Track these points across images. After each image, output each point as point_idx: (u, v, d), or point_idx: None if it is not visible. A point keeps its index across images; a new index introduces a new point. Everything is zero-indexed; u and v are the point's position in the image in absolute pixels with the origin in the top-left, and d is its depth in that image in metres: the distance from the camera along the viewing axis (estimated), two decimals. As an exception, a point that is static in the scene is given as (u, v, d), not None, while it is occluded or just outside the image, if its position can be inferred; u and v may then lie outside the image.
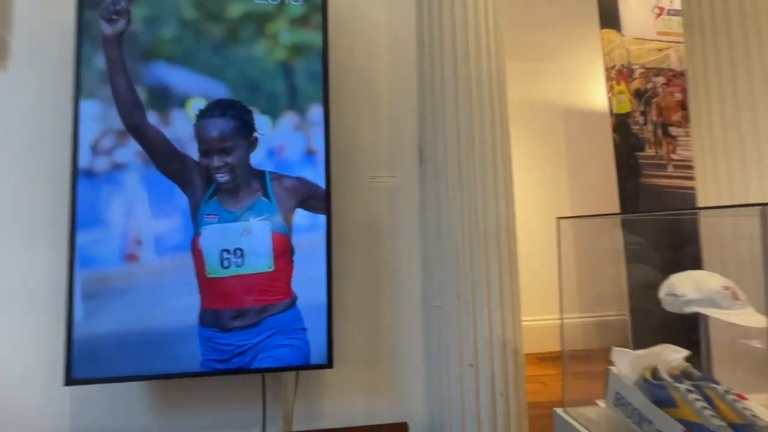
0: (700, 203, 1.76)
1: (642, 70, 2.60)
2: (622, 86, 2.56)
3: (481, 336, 1.26)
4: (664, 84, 2.58)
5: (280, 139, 1.31)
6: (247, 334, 1.24)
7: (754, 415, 0.73)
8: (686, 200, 2.43)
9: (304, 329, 1.26)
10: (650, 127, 2.54)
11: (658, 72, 2.59)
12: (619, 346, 0.95)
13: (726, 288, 0.93)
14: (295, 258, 1.27)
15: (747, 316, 0.90)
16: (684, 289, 0.97)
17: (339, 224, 1.44)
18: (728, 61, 1.61)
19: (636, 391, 0.85)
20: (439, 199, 1.38)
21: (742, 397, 0.79)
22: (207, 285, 1.24)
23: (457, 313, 1.29)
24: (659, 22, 2.68)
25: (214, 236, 1.25)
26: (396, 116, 1.54)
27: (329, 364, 1.25)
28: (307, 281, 1.27)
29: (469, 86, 1.35)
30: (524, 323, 2.04)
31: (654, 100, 2.57)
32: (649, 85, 2.58)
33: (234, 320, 1.24)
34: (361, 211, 1.49)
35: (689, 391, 0.78)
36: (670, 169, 2.50)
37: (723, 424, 0.71)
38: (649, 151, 2.53)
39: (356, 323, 1.44)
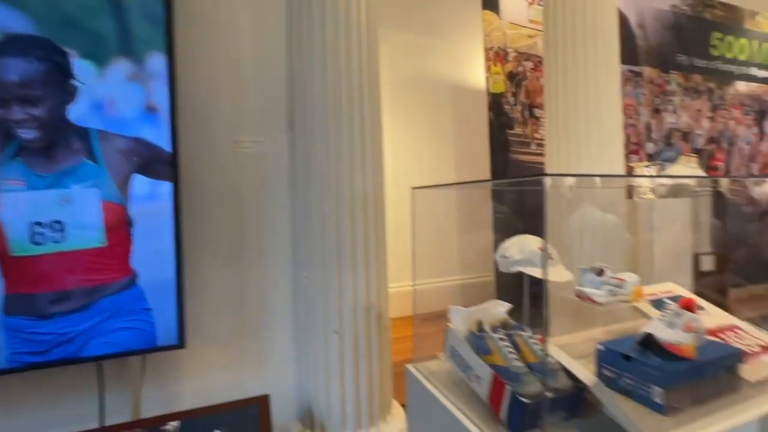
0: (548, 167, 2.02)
1: (515, 53, 2.84)
2: (498, 67, 2.77)
3: (346, 302, 1.29)
4: (532, 69, 2.87)
5: (110, 91, 1.10)
6: (73, 320, 1.06)
7: (546, 354, 0.87)
8: (544, 175, 2.79)
9: (148, 309, 1.13)
10: (519, 107, 2.82)
11: (528, 57, 2.86)
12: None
13: (541, 249, 1.07)
14: (135, 231, 1.11)
15: (555, 273, 1.05)
16: (511, 251, 1.10)
17: (196, 193, 1.29)
18: (577, 54, 1.83)
19: (464, 344, 0.95)
20: (308, 167, 1.33)
21: (542, 341, 0.94)
22: (12, 265, 1.01)
23: (324, 280, 1.29)
24: (531, 10, 2.93)
25: (20, 206, 1.02)
26: (263, 76, 1.42)
27: (180, 344, 1.15)
28: (151, 257, 1.13)
29: (338, 50, 1.30)
30: (403, 288, 2.15)
31: (523, 83, 2.84)
32: (520, 69, 2.84)
33: (54, 305, 1.05)
34: (222, 178, 1.36)
35: (501, 339, 0.89)
36: (533, 146, 2.83)
37: (521, 365, 0.83)
38: (517, 130, 2.81)
39: (218, 299, 1.35)
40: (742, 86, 3.80)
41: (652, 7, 3.29)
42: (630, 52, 3.20)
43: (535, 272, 1.05)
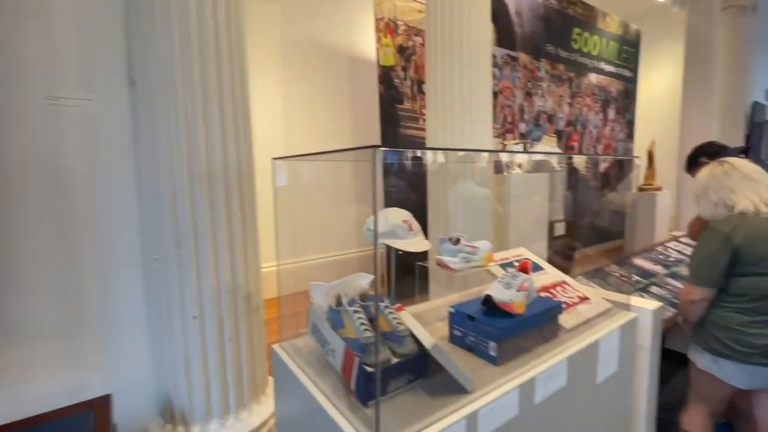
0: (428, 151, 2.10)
1: (405, 27, 2.85)
2: (388, 39, 2.75)
3: (206, 285, 1.17)
4: (421, 44, 2.91)
5: None
6: None
7: (399, 323, 0.90)
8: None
9: None
10: (408, 82, 2.87)
11: (417, 32, 2.89)
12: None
13: (405, 221, 1.10)
14: None
15: (414, 244, 1.09)
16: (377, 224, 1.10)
17: (-7, 161, 1.01)
18: (453, 38, 1.88)
19: (322, 319, 0.94)
20: (155, 134, 1.14)
21: (400, 309, 0.97)
22: None
23: (179, 263, 1.15)
24: (421, -17, 2.95)
25: None
26: (89, 17, 1.14)
27: (-25, 351, 0.92)
28: None
29: (186, -6, 1.10)
30: (289, 266, 2.05)
31: (413, 57, 2.88)
32: (409, 43, 2.86)
33: None
34: (35, 145, 1.09)
35: (356, 312, 0.90)
36: (421, 122, 2.93)
37: (371, 335, 0.84)
38: (407, 104, 2.87)
39: (38, 290, 1.11)
40: (593, 78, 4.45)
41: (527, -2, 3.58)
42: (508, 37, 3.47)
43: (396, 244, 1.07)
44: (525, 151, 2.91)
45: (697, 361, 1.48)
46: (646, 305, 1.54)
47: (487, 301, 0.98)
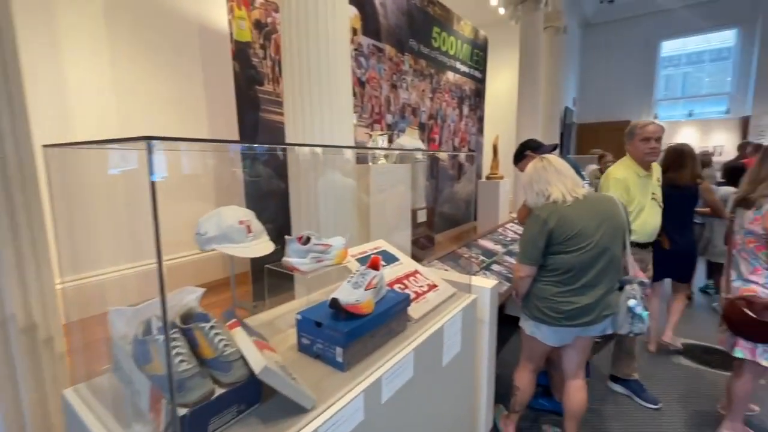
0: (288, 138, 1.95)
1: (263, 1, 2.58)
2: (243, 12, 2.46)
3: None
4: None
5: None
6: None
7: (227, 344, 0.77)
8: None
9: None
10: (269, 62, 2.63)
11: (277, 8, 2.66)
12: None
13: (241, 222, 0.96)
14: None
15: (252, 248, 0.96)
16: (207, 226, 0.94)
17: None
18: (309, 10, 1.75)
19: (125, 353, 0.75)
20: None
21: (234, 326, 0.84)
22: None
23: None
24: (279, -46, 2.71)
25: None
26: None
27: None
28: None
29: None
30: (106, 275, 1.66)
31: (273, 36, 2.64)
32: (269, 20, 2.62)
33: None
34: None
35: (173, 339, 0.74)
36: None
37: (189, 366, 0.70)
38: (268, 87, 2.64)
39: None
40: (451, 76, 4.87)
41: (391, -10, 3.65)
42: (374, 27, 3.49)
43: (231, 249, 0.93)
44: (376, 148, 3.00)
45: (525, 327, 1.74)
46: (485, 284, 1.73)
47: (334, 303, 0.93)
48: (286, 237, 1.05)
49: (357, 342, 0.92)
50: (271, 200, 2.58)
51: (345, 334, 0.88)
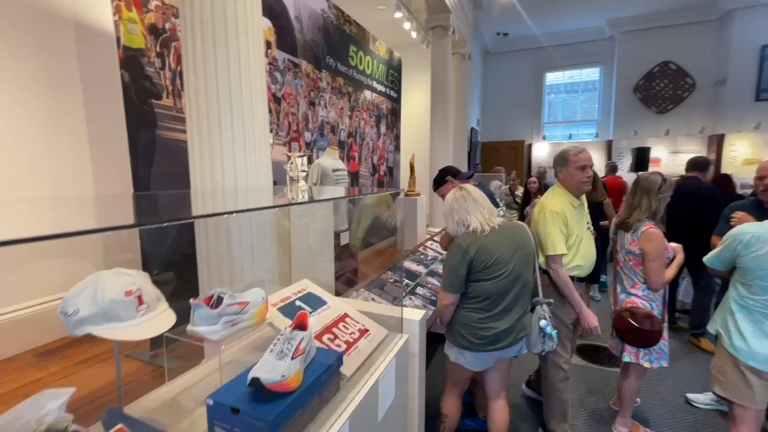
0: (193, 158, 1.69)
1: (161, 3, 2.27)
2: (133, 14, 2.12)
3: None
4: (183, 29, 2.40)
5: None
6: None
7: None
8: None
9: None
10: (170, 74, 2.31)
11: (177, 13, 2.36)
12: None
13: (129, 293, 0.76)
14: None
15: (146, 326, 0.77)
16: (79, 302, 0.72)
17: None
18: (217, 27, 1.56)
19: None
20: None
21: (120, 434, 0.65)
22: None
23: None
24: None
25: None
26: None
27: None
28: None
29: None
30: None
31: (174, 44, 2.34)
32: (167, 25, 2.31)
33: None
34: None
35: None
36: (188, 124, 2.43)
37: None
38: (168, 101, 2.32)
39: None
40: (368, 94, 4.91)
41: (306, 5, 3.55)
42: (289, 41, 3.34)
43: (119, 332, 0.73)
44: (300, 203, 2.86)
45: (450, 354, 1.76)
46: (414, 316, 1.71)
47: (255, 383, 0.79)
48: (192, 302, 0.87)
49: (288, 422, 0.79)
50: (174, 244, 2.24)
51: (270, 423, 0.74)
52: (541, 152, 9.33)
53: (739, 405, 1.70)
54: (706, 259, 1.85)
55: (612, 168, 7.18)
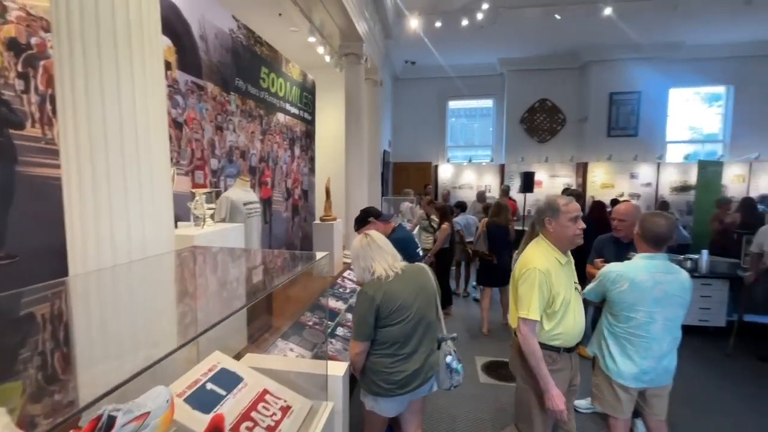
0: (69, 202, 1.40)
1: (24, 14, 1.89)
2: (-15, 25, 1.73)
3: None
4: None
5: None
6: None
7: None
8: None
9: None
10: (35, 98, 1.93)
11: (48, 26, 2.00)
12: None
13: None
14: None
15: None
16: None
17: None
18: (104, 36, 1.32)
19: None
20: None
21: None
22: None
23: None
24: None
25: None
26: None
27: None
28: None
29: None
30: None
31: (43, 62, 1.96)
32: (34, 40, 1.93)
33: None
34: None
35: None
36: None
37: None
38: (34, 130, 1.93)
39: None
40: (281, 117, 4.76)
41: (213, 24, 3.32)
42: (193, 62, 3.07)
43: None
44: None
45: (365, 402, 1.77)
46: (336, 371, 1.67)
47: None
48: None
49: None
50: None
51: None
52: (446, 173, 10.07)
53: (612, 417, 2.02)
54: (585, 292, 2.18)
55: (505, 191, 8.08)
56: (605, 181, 8.81)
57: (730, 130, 8.75)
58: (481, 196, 7.89)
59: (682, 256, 4.77)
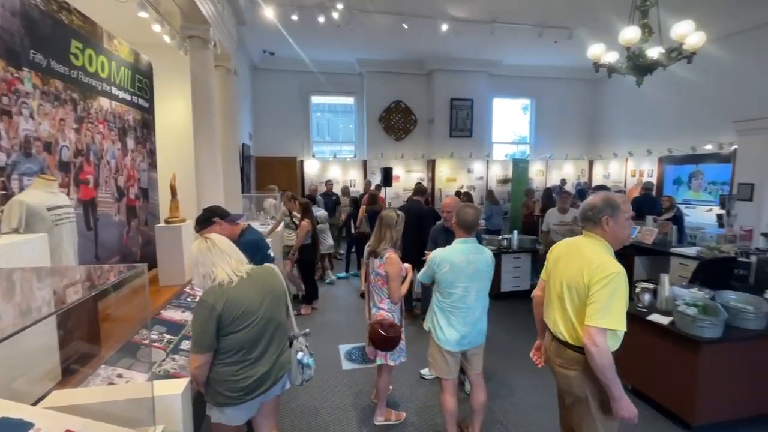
0: None
1: None
2: None
3: None
4: None
5: None
6: None
7: None
8: None
9: None
10: None
11: None
12: None
13: None
14: None
15: None
16: None
17: None
18: None
19: None
20: None
21: None
22: None
23: None
24: None
25: None
26: None
27: None
28: None
29: None
30: None
31: None
32: None
33: None
34: None
35: None
36: None
37: None
38: None
39: None
40: (106, 103, 4.01)
41: (-14, -22, 2.57)
42: (-46, 25, 2.34)
43: None
44: None
45: (212, 415, 1.71)
46: (173, 389, 1.56)
47: None
48: None
49: None
50: None
51: None
52: (312, 168, 10.09)
53: (444, 379, 2.42)
54: (419, 276, 2.53)
55: (369, 184, 8.58)
56: (449, 176, 10.19)
57: (534, 134, 11.15)
58: (345, 191, 8.25)
59: (500, 237, 5.92)
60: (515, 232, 5.74)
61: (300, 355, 1.86)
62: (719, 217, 6.36)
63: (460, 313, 2.32)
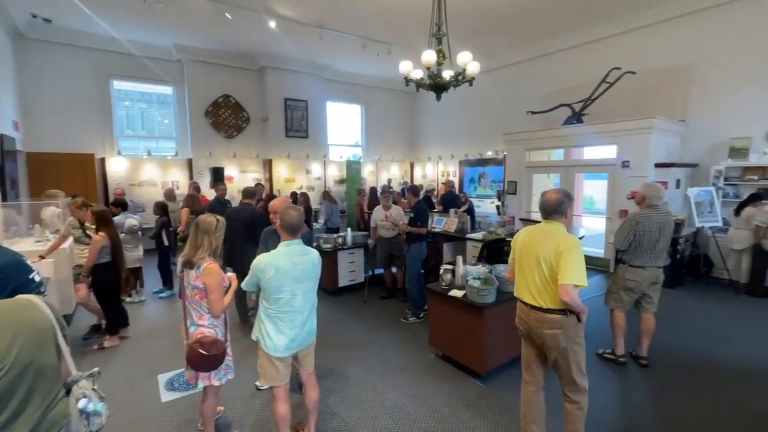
0: None
1: None
2: None
3: None
4: None
5: None
6: None
7: None
8: None
9: None
10: None
11: None
12: None
13: None
14: None
15: None
16: None
17: None
18: None
19: None
20: None
21: None
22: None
23: None
24: None
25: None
26: None
27: None
28: None
29: None
30: None
31: None
32: None
33: None
34: None
35: None
36: None
37: None
38: None
39: None
40: None
41: None
42: None
43: None
44: None
45: None
46: None
47: None
48: None
49: None
50: None
51: None
52: (119, 168, 8.37)
53: (275, 387, 2.38)
54: (243, 284, 2.42)
55: (196, 187, 7.67)
56: (287, 176, 10.07)
57: (365, 138, 12.08)
58: (169, 194, 7.11)
59: (336, 234, 6.21)
60: (349, 230, 6.12)
61: (83, 403, 1.48)
62: (498, 207, 8.35)
63: (287, 317, 2.32)
